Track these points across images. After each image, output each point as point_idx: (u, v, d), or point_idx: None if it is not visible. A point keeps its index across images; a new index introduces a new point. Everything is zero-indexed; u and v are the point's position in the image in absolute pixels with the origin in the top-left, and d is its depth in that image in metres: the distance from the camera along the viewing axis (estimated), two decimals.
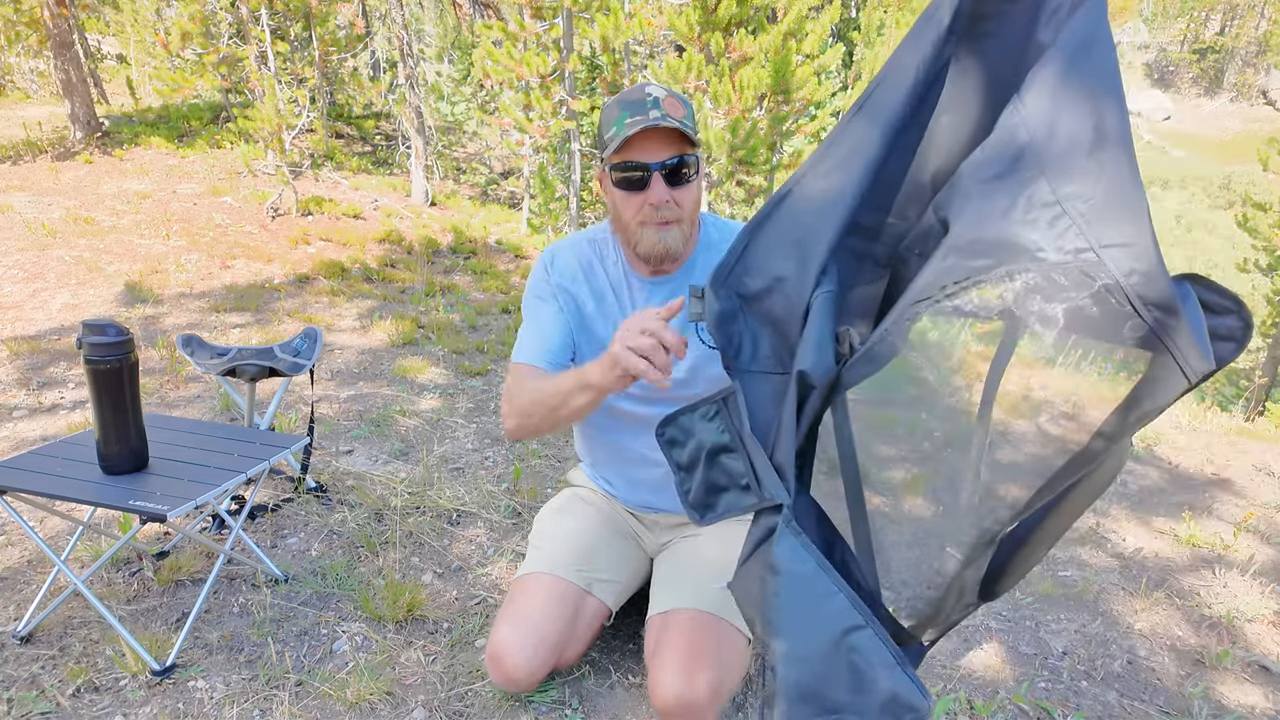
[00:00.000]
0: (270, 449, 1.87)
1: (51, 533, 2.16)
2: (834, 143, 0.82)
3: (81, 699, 1.55)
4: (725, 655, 1.42)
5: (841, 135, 0.82)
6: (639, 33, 9.05)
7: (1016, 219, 0.66)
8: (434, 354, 4.13)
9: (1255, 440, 3.97)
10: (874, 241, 0.88)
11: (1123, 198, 0.65)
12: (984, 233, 0.68)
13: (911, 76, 0.77)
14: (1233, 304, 0.71)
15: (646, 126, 1.27)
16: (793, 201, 0.86)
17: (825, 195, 0.83)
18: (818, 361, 0.81)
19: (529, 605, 1.52)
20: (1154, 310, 0.64)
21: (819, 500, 0.93)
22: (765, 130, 9.62)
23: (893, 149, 0.80)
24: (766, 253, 0.88)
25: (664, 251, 1.38)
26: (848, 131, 0.81)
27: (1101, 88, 0.66)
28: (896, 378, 0.84)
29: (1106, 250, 0.64)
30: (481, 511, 2.41)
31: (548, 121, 9.56)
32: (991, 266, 0.67)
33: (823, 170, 0.83)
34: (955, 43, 0.77)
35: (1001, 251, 0.67)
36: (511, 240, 8.25)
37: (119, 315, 4.38)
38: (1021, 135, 0.67)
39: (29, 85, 13.77)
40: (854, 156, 0.80)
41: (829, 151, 0.83)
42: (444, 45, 18.14)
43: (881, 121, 0.79)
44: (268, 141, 7.42)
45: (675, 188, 1.33)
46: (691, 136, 1.31)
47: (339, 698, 1.58)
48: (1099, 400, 0.71)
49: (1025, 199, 0.66)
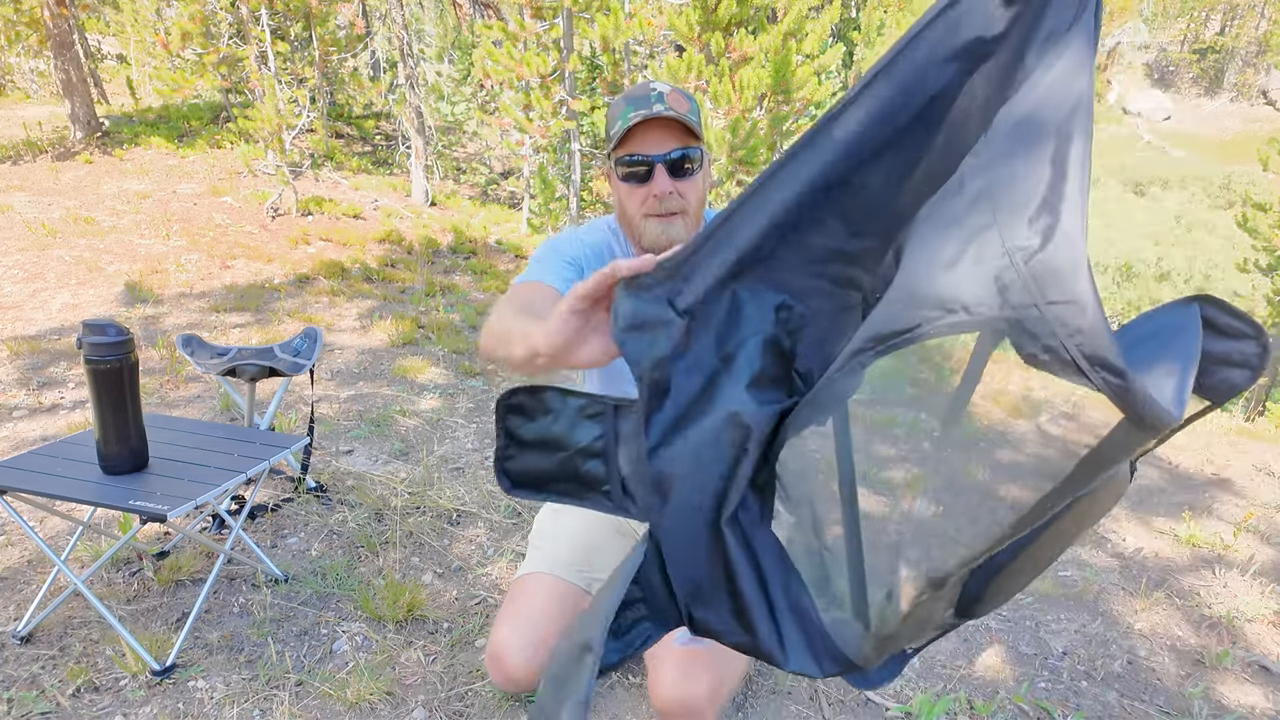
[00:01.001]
0: (270, 449, 1.87)
1: (51, 533, 2.16)
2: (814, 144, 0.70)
3: (81, 699, 1.55)
4: (725, 655, 1.42)
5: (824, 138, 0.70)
6: (639, 33, 9.05)
7: (964, 271, 0.62)
8: (434, 354, 4.13)
9: (1255, 440, 3.97)
10: (854, 268, 0.77)
11: (1071, 251, 0.61)
12: (929, 284, 0.64)
13: (926, 80, 0.67)
14: (1249, 328, 0.68)
15: (648, 117, 1.28)
16: (746, 210, 0.74)
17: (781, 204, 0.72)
18: (753, 403, 0.75)
19: (529, 605, 1.52)
20: (1100, 371, 0.60)
21: (814, 504, 0.89)
22: (765, 130, 9.62)
23: (881, 163, 0.71)
24: (709, 262, 0.77)
25: (668, 244, 1.38)
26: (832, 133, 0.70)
27: (1070, 130, 0.60)
28: (893, 378, 0.81)
29: (1051, 307, 0.60)
30: (481, 511, 2.41)
31: (548, 121, 9.56)
32: (936, 319, 0.63)
33: (791, 174, 0.71)
34: (992, 54, 0.67)
35: (945, 304, 0.62)
36: (511, 240, 8.25)
37: (119, 315, 4.38)
38: (979, 181, 0.63)
39: (29, 85, 13.77)
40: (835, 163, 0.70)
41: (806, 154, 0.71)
42: (444, 45, 18.14)
43: (877, 125, 0.69)
44: (268, 141, 7.42)
45: (679, 179, 1.34)
46: (695, 129, 1.32)
47: (339, 698, 1.58)
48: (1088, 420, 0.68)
49: (975, 250, 0.62)
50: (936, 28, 0.66)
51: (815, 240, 0.75)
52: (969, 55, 0.67)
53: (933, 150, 0.71)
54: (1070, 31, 0.63)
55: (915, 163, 0.72)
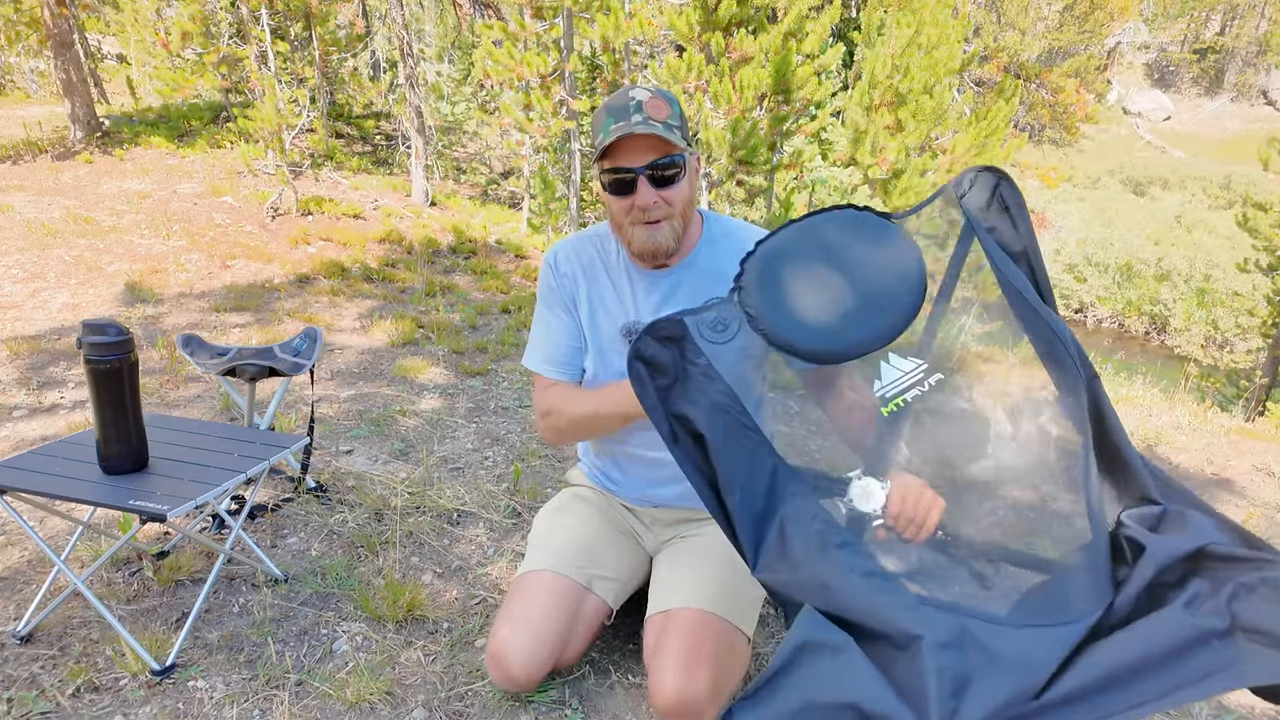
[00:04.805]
0: (270, 449, 1.87)
1: (51, 533, 2.16)
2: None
3: (81, 699, 1.55)
4: (725, 654, 1.42)
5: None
6: (639, 33, 9.05)
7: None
8: (434, 354, 4.13)
9: (1255, 440, 3.97)
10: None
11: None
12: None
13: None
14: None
15: (625, 134, 1.31)
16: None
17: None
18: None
19: (529, 604, 1.52)
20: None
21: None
22: (765, 130, 9.62)
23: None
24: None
25: (655, 249, 1.42)
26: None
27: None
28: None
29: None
30: (481, 511, 2.41)
31: (548, 121, 9.56)
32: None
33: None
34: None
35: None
36: (511, 240, 8.25)
37: (119, 315, 4.38)
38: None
39: (29, 85, 13.78)
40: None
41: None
42: (444, 45, 18.14)
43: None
44: (268, 141, 7.41)
45: (662, 188, 1.37)
46: (675, 139, 1.33)
47: (339, 698, 1.58)
48: None
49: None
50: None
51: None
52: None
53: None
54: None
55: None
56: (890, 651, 0.78)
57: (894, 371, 1.01)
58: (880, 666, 0.78)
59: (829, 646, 0.81)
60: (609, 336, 1.54)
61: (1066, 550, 0.91)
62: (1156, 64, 33.40)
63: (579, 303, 1.55)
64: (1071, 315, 18.63)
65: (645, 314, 1.51)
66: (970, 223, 1.01)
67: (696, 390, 0.97)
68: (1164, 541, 0.79)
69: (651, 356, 0.98)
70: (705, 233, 1.52)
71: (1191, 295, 17.42)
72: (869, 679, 0.77)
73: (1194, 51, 32.83)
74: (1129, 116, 30.52)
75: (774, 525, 0.91)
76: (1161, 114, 30.44)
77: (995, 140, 10.51)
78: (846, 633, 0.81)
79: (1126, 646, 0.73)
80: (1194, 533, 0.79)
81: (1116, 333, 17.97)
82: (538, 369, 1.58)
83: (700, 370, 0.98)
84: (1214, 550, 0.77)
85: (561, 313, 1.56)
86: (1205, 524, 0.81)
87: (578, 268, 1.55)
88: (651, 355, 0.98)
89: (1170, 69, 32.97)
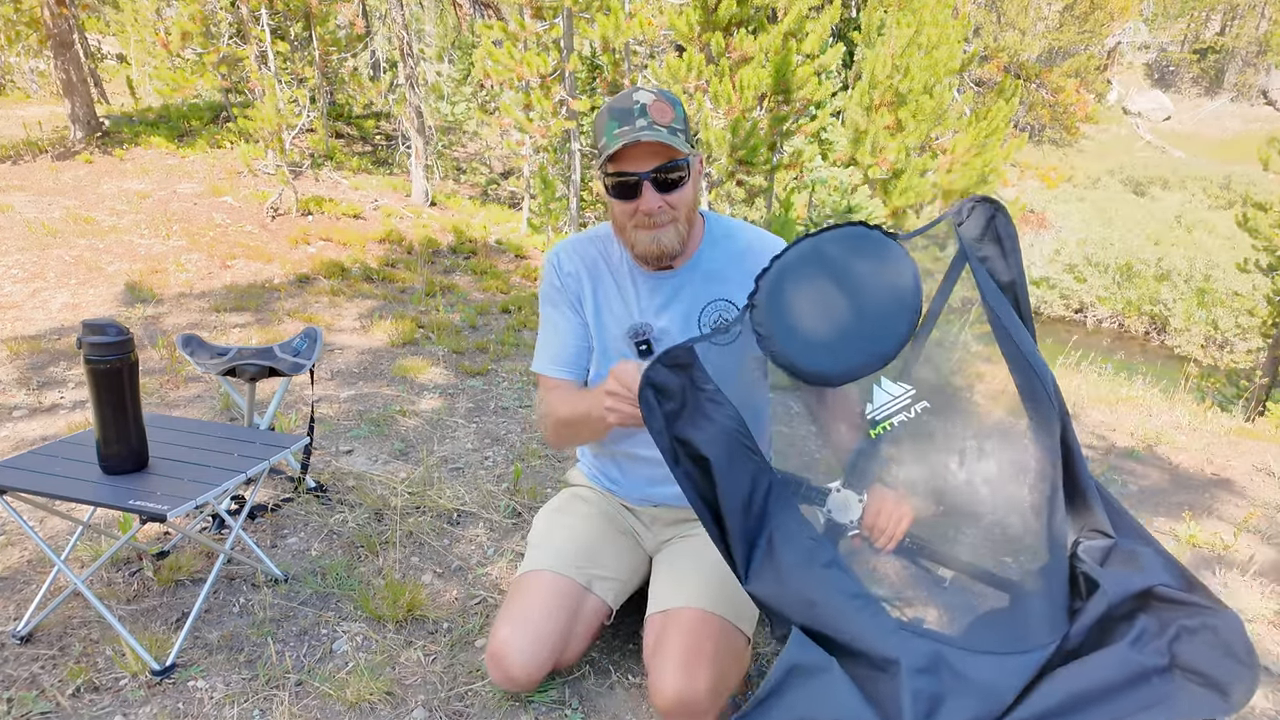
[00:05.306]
0: (270, 449, 1.87)
1: (51, 533, 2.16)
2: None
3: (81, 699, 1.55)
4: (725, 654, 1.42)
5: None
6: (639, 33, 9.05)
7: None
8: (434, 354, 4.13)
9: (1255, 440, 3.97)
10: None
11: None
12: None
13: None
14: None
15: (631, 142, 1.30)
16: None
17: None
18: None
19: (529, 604, 1.52)
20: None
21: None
22: (765, 130, 9.62)
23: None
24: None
25: (659, 252, 1.42)
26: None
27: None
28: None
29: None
30: (481, 511, 2.41)
31: (548, 121, 9.56)
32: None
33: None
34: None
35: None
36: (512, 240, 8.24)
37: (119, 315, 4.38)
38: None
39: (29, 85, 13.78)
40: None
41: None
42: (444, 45, 18.14)
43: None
44: (268, 141, 7.41)
45: (666, 192, 1.37)
46: (679, 143, 1.33)
47: (339, 698, 1.58)
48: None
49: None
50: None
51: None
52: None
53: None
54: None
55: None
56: (871, 672, 0.88)
57: (884, 395, 1.10)
58: (861, 685, 0.88)
59: (817, 669, 0.90)
60: (614, 337, 1.54)
61: (1028, 574, 1.01)
62: (1156, 64, 33.39)
63: (584, 301, 1.55)
64: (1071, 315, 18.63)
65: (649, 316, 1.51)
66: (965, 251, 1.08)
67: (703, 415, 1.03)
68: (1117, 578, 0.89)
69: (662, 383, 1.03)
70: (707, 234, 1.52)
71: (1191, 295, 17.41)
72: (852, 700, 0.87)
73: (1194, 51, 32.82)
74: (1129, 116, 30.51)
75: (763, 540, 0.99)
76: (1161, 114, 30.43)
77: (995, 140, 10.51)
78: (831, 653, 0.91)
79: (1080, 677, 0.84)
80: (1145, 572, 0.90)
81: (1116, 333, 17.97)
82: (544, 371, 1.57)
83: (708, 396, 1.04)
84: (1162, 593, 0.87)
85: (568, 311, 1.55)
86: (1155, 562, 0.92)
87: (581, 267, 1.55)
88: (662, 382, 1.03)
89: (1170, 69, 32.96)
